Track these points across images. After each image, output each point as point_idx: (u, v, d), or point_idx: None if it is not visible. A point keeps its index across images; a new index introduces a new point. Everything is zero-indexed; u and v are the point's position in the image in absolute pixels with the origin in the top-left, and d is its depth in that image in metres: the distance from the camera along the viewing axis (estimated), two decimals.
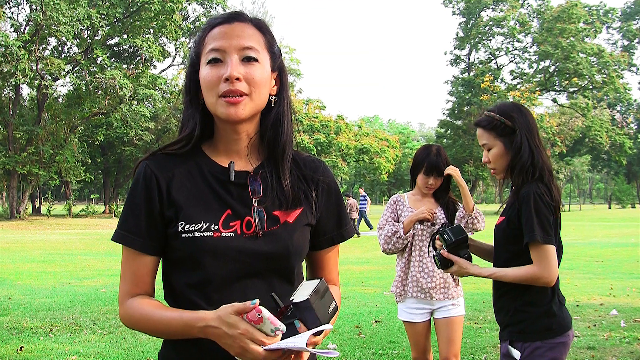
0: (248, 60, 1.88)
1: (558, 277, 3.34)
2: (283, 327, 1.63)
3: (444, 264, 3.53)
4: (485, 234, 3.68)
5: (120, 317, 1.95)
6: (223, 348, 1.71)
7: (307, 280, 1.89)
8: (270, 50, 1.97)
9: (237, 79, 1.84)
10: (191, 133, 1.96)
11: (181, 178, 1.93)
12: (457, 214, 4.96)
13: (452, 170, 4.90)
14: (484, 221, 4.95)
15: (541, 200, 3.20)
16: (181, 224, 1.86)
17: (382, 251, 4.98)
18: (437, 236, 3.59)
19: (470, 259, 3.52)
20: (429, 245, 4.81)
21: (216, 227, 1.86)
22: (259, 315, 1.61)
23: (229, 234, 1.86)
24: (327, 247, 2.10)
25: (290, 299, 1.76)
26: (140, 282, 1.92)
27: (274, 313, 1.70)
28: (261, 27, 1.97)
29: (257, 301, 1.62)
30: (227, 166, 1.95)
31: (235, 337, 1.64)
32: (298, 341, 1.64)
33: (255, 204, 1.92)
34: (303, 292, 1.77)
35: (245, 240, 1.87)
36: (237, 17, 1.95)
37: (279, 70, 2.01)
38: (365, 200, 33.10)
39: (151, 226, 1.90)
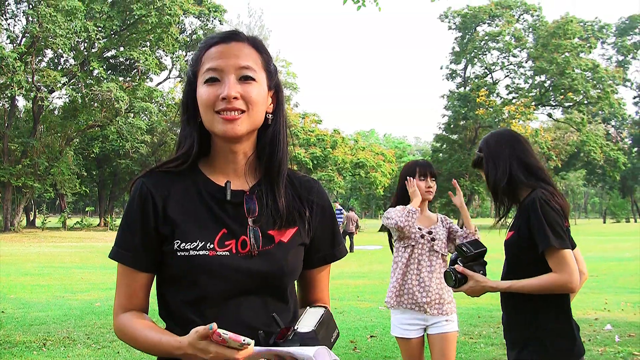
0: (245, 79, 1.90)
1: (569, 303, 3.34)
2: (248, 340, 1.63)
3: (459, 281, 3.43)
4: (492, 249, 3.63)
5: (114, 330, 1.99)
6: None
7: (311, 307, 1.91)
8: (266, 69, 1.99)
9: (235, 97, 1.86)
10: (189, 151, 1.98)
11: (177, 196, 1.95)
12: (459, 233, 4.98)
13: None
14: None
15: (548, 205, 3.19)
16: (177, 242, 1.88)
17: (394, 224, 4.83)
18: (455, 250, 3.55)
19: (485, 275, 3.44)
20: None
21: (212, 246, 1.87)
22: (220, 337, 1.63)
23: (224, 253, 1.87)
24: (319, 266, 2.12)
25: (294, 327, 1.77)
26: (134, 297, 1.96)
27: (275, 334, 1.75)
28: (258, 46, 1.99)
29: (214, 325, 1.63)
30: (223, 185, 1.97)
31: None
32: (307, 350, 1.66)
33: (250, 223, 1.93)
34: (308, 320, 1.79)
35: (240, 259, 1.88)
36: (234, 36, 1.96)
37: (276, 89, 2.03)
38: (341, 214, 32.94)
39: (146, 243, 1.92)
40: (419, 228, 4.90)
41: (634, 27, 73.49)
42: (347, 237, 29.17)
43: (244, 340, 1.62)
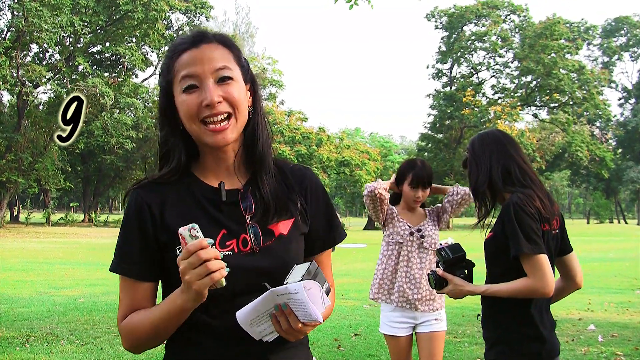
0: (223, 80, 1.89)
1: (550, 299, 3.32)
2: (192, 224, 1.67)
3: (439, 283, 3.46)
4: (475, 248, 3.65)
5: (123, 340, 1.96)
6: (224, 351, 1.84)
7: (297, 264, 1.89)
8: (239, 64, 1.98)
9: (219, 102, 1.86)
10: (178, 163, 1.98)
11: (173, 203, 1.95)
12: (449, 198, 5.04)
13: None
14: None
15: (522, 211, 3.17)
16: (179, 248, 1.85)
17: (366, 194, 4.91)
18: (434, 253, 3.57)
19: (468, 279, 3.45)
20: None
21: (213, 247, 1.84)
22: (181, 236, 1.67)
23: (227, 253, 1.87)
24: (319, 252, 2.11)
25: (284, 282, 1.76)
26: (138, 307, 1.94)
27: None
28: (227, 43, 1.98)
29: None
30: (217, 186, 1.96)
31: (186, 270, 1.67)
32: (296, 283, 1.69)
33: (248, 220, 1.93)
34: (295, 275, 1.79)
35: (242, 257, 1.88)
36: (202, 39, 1.94)
37: (251, 81, 2.03)
38: None
39: (145, 253, 1.92)
40: (408, 225, 4.89)
41: (620, 29, 74.19)
42: None
43: (189, 226, 1.67)
